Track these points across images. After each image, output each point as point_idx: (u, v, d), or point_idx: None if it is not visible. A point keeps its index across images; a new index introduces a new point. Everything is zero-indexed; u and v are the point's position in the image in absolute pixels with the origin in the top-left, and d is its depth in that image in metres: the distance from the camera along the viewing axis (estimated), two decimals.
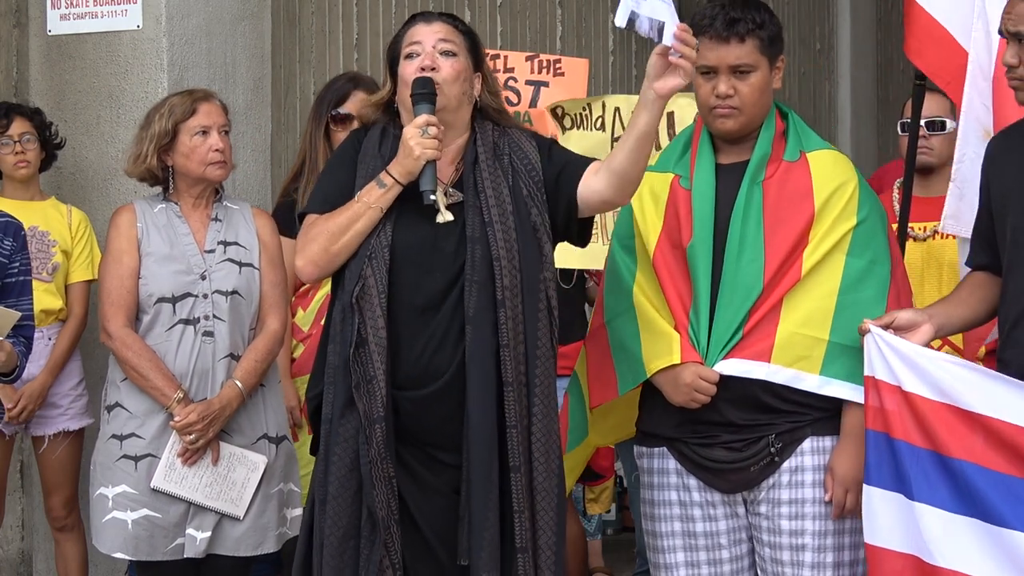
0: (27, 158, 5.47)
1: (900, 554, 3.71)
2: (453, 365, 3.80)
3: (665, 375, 3.89)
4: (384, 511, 3.75)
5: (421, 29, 3.92)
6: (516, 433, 3.77)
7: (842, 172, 3.93)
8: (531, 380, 3.81)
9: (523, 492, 3.77)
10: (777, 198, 3.88)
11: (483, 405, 3.76)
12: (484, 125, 3.98)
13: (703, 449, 3.92)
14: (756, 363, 3.83)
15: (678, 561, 4.01)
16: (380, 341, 3.76)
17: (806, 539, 3.88)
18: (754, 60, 3.88)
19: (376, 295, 3.78)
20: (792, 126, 3.98)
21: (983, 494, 3.59)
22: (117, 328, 4.79)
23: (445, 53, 3.88)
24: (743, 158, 3.94)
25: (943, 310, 3.89)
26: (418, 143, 3.76)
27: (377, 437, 3.74)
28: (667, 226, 3.95)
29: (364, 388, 3.76)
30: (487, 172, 3.88)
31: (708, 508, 3.97)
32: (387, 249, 3.81)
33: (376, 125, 3.98)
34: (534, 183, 3.90)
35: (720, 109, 3.89)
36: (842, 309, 3.84)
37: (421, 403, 3.81)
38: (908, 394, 3.70)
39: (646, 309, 3.94)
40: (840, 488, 3.85)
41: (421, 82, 3.83)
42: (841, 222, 3.86)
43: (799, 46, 10.77)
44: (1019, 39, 3.70)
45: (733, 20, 3.85)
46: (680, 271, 3.91)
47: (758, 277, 3.84)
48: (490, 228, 3.81)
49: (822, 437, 3.89)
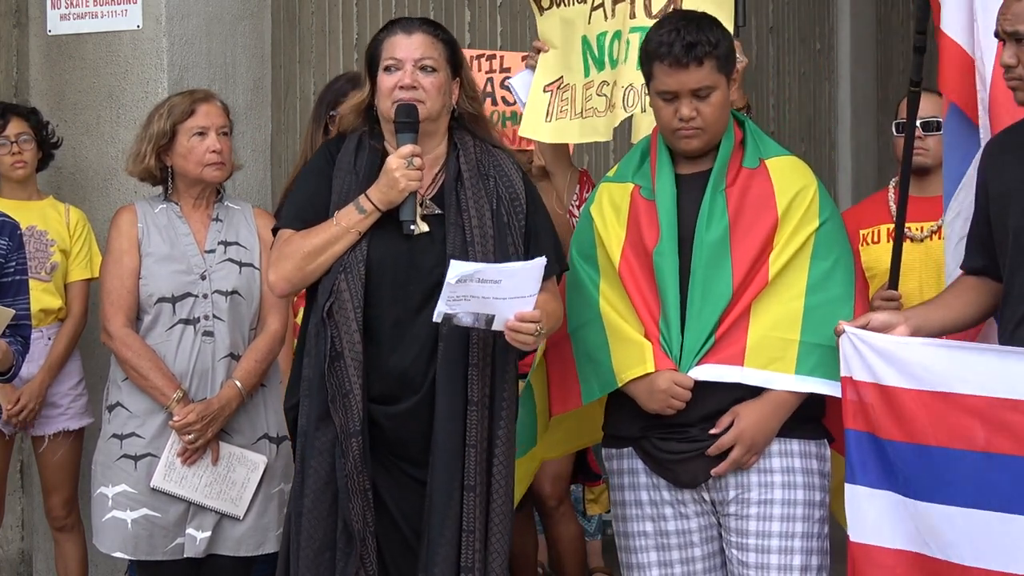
0: (24, 158, 5.47)
1: (892, 550, 3.72)
2: (426, 382, 3.84)
3: (639, 384, 3.91)
4: (360, 524, 3.79)
5: (401, 41, 3.95)
6: (475, 453, 3.82)
7: (801, 177, 3.99)
8: (496, 402, 3.86)
9: (476, 512, 3.82)
10: (740, 205, 3.92)
11: (450, 423, 3.81)
12: (464, 138, 4.02)
13: (662, 443, 3.95)
14: (729, 367, 3.86)
15: (650, 561, 4.03)
16: (356, 355, 3.81)
17: (772, 541, 3.91)
18: (713, 80, 3.90)
19: (352, 309, 3.82)
20: (750, 134, 4.02)
21: (980, 481, 3.57)
22: (117, 328, 4.80)
23: (424, 69, 3.92)
24: (703, 168, 3.97)
25: (921, 312, 3.90)
26: (403, 175, 3.81)
27: (354, 451, 3.79)
28: (630, 236, 3.98)
29: (340, 402, 3.81)
30: (471, 192, 3.92)
31: (679, 507, 3.99)
32: (363, 264, 3.85)
33: (351, 136, 4.02)
34: (515, 214, 3.95)
35: (684, 131, 3.92)
36: (811, 309, 3.87)
37: (395, 418, 3.85)
38: (888, 389, 3.70)
39: (613, 319, 3.96)
40: (731, 437, 3.86)
41: (405, 110, 3.88)
42: (804, 226, 3.91)
43: (799, 46, 10.77)
44: (1017, 39, 3.70)
45: (690, 45, 3.86)
46: (646, 280, 3.93)
47: (727, 283, 3.87)
48: (471, 248, 3.85)
49: (788, 440, 3.93)
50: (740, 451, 3.88)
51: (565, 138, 5.00)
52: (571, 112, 4.92)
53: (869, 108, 11.37)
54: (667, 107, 3.92)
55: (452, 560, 3.80)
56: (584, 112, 4.87)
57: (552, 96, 4.95)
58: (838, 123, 11.23)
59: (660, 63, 3.89)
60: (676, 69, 3.87)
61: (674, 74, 3.88)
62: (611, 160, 8.47)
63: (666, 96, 3.91)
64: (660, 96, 3.92)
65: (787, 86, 10.61)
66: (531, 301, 3.77)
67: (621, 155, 8.87)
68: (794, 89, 10.70)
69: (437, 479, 3.81)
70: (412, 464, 3.87)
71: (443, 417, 3.81)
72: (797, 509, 3.94)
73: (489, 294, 3.72)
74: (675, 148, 3.98)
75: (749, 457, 3.90)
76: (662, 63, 3.88)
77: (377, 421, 3.85)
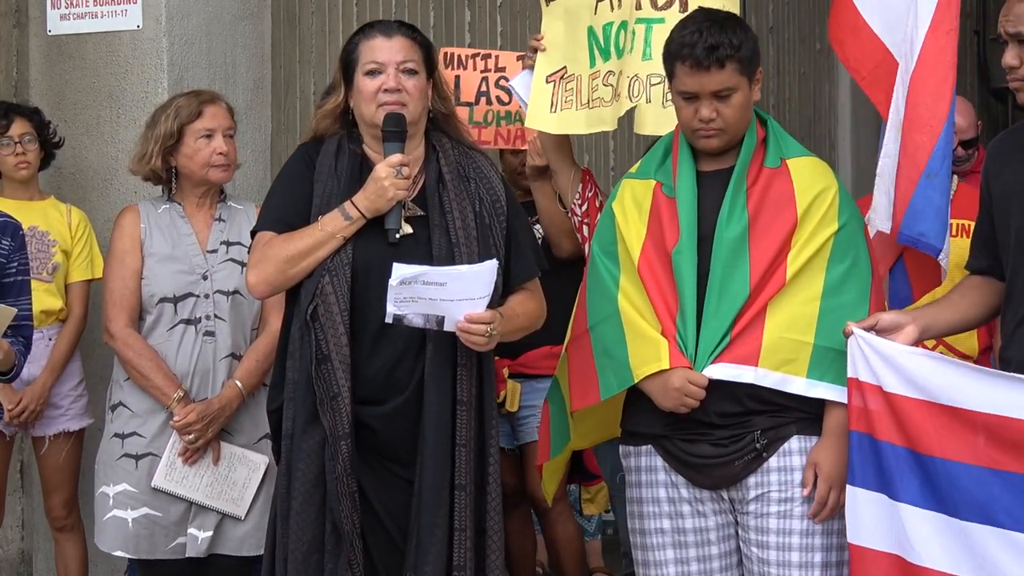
0: (28, 159, 5.47)
1: (883, 553, 3.72)
2: (413, 382, 3.86)
3: (654, 380, 3.89)
4: (348, 525, 3.81)
5: (382, 44, 3.98)
6: (465, 452, 3.84)
7: (822, 178, 3.96)
8: (485, 401, 3.88)
9: (467, 511, 3.84)
10: (760, 204, 3.90)
11: (438, 422, 3.83)
12: (441, 140, 4.05)
13: (688, 445, 3.93)
14: (744, 367, 3.84)
15: (667, 559, 4.02)
16: (343, 358, 3.82)
17: (794, 539, 3.89)
18: (735, 83, 3.88)
19: (338, 311, 3.83)
20: (772, 133, 4.01)
21: (969, 492, 3.58)
22: (119, 328, 4.81)
23: (407, 71, 3.96)
24: (724, 165, 3.96)
25: (929, 312, 3.90)
26: (392, 184, 3.84)
27: (343, 453, 3.80)
28: (651, 233, 3.96)
29: (329, 404, 3.82)
30: (453, 193, 3.95)
31: (697, 505, 3.98)
32: (349, 267, 3.86)
33: (330, 139, 4.03)
34: (496, 215, 3.98)
35: (704, 131, 3.91)
36: (826, 313, 3.85)
37: (382, 419, 3.87)
38: (889, 395, 3.70)
39: (631, 315, 3.95)
40: (825, 484, 3.85)
41: (393, 119, 3.91)
42: (823, 228, 3.89)
43: (799, 46, 10.77)
44: (1019, 40, 3.70)
45: (712, 47, 3.84)
46: (665, 277, 3.92)
47: (744, 282, 3.86)
48: (456, 249, 3.88)
49: (809, 437, 3.90)
50: (837, 493, 3.84)
51: (571, 129, 4.99)
52: (577, 102, 4.90)
53: (869, 108, 11.27)
54: (688, 107, 3.91)
55: (443, 559, 3.82)
56: (591, 102, 4.86)
57: (556, 86, 4.94)
58: (838, 123, 11.23)
59: (682, 64, 3.87)
60: (697, 71, 3.85)
61: (695, 75, 3.86)
62: (611, 159, 8.47)
63: (687, 96, 3.90)
64: (681, 96, 3.91)
65: (787, 86, 10.61)
66: (482, 303, 3.78)
67: (621, 154, 8.88)
68: (794, 89, 10.70)
69: (427, 479, 3.82)
70: (398, 464, 3.89)
71: (432, 417, 3.83)
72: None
73: (435, 296, 3.74)
74: (696, 146, 3.97)
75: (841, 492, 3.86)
76: (683, 64, 3.86)
77: (364, 422, 3.85)
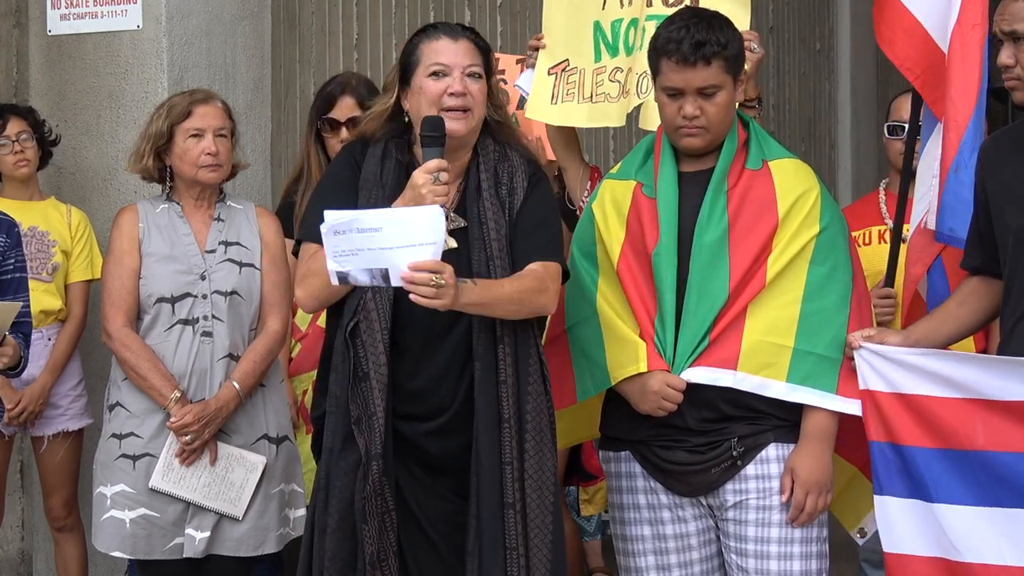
0: (26, 156, 5.48)
1: (925, 558, 3.71)
2: (457, 401, 3.79)
3: (631, 383, 3.89)
4: (373, 547, 3.74)
5: (448, 47, 3.84)
6: (511, 470, 3.75)
7: (804, 181, 3.95)
8: (523, 417, 3.78)
9: (517, 529, 3.75)
10: (741, 206, 3.90)
11: (488, 441, 3.76)
12: (486, 144, 3.93)
13: (664, 452, 3.92)
14: (723, 371, 3.83)
15: (648, 564, 4.02)
16: (381, 377, 3.73)
17: (772, 547, 3.89)
18: (720, 80, 3.87)
19: (380, 330, 3.74)
20: (754, 135, 4.00)
21: (1005, 479, 3.59)
22: (117, 328, 4.80)
23: (472, 75, 3.83)
24: (706, 166, 3.95)
25: (925, 333, 3.89)
26: (430, 191, 3.64)
27: (374, 473, 3.71)
28: (630, 234, 3.96)
29: (365, 423, 3.74)
30: (489, 203, 3.85)
31: (677, 510, 3.97)
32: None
33: (376, 144, 3.90)
34: (508, 214, 3.85)
35: (687, 129, 3.90)
36: (806, 316, 3.84)
37: (427, 436, 3.81)
38: (911, 397, 3.70)
39: (610, 317, 3.95)
40: (801, 490, 3.84)
41: (431, 123, 3.74)
42: (804, 230, 3.88)
43: (799, 46, 10.77)
44: (1015, 38, 3.71)
45: (699, 43, 3.84)
46: (644, 279, 3.92)
47: (724, 285, 3.85)
48: (491, 263, 3.78)
49: (787, 445, 3.89)
50: (814, 499, 3.85)
51: (571, 121, 4.99)
52: (579, 96, 4.90)
53: (869, 108, 11.37)
54: (671, 103, 3.91)
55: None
56: (594, 96, 4.85)
57: (557, 79, 4.94)
58: (838, 123, 11.23)
59: (667, 59, 3.86)
60: (683, 67, 3.85)
61: (680, 72, 3.86)
62: (611, 157, 8.47)
63: (671, 92, 3.90)
64: (665, 92, 3.91)
65: (787, 86, 10.61)
66: (428, 250, 3.48)
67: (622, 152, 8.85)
68: (794, 89, 10.70)
69: (484, 499, 3.75)
70: (446, 480, 3.83)
71: (482, 435, 3.75)
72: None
73: (375, 244, 3.46)
74: (677, 145, 3.96)
75: (824, 497, 3.87)
76: (669, 59, 3.86)
77: (408, 439, 3.80)
